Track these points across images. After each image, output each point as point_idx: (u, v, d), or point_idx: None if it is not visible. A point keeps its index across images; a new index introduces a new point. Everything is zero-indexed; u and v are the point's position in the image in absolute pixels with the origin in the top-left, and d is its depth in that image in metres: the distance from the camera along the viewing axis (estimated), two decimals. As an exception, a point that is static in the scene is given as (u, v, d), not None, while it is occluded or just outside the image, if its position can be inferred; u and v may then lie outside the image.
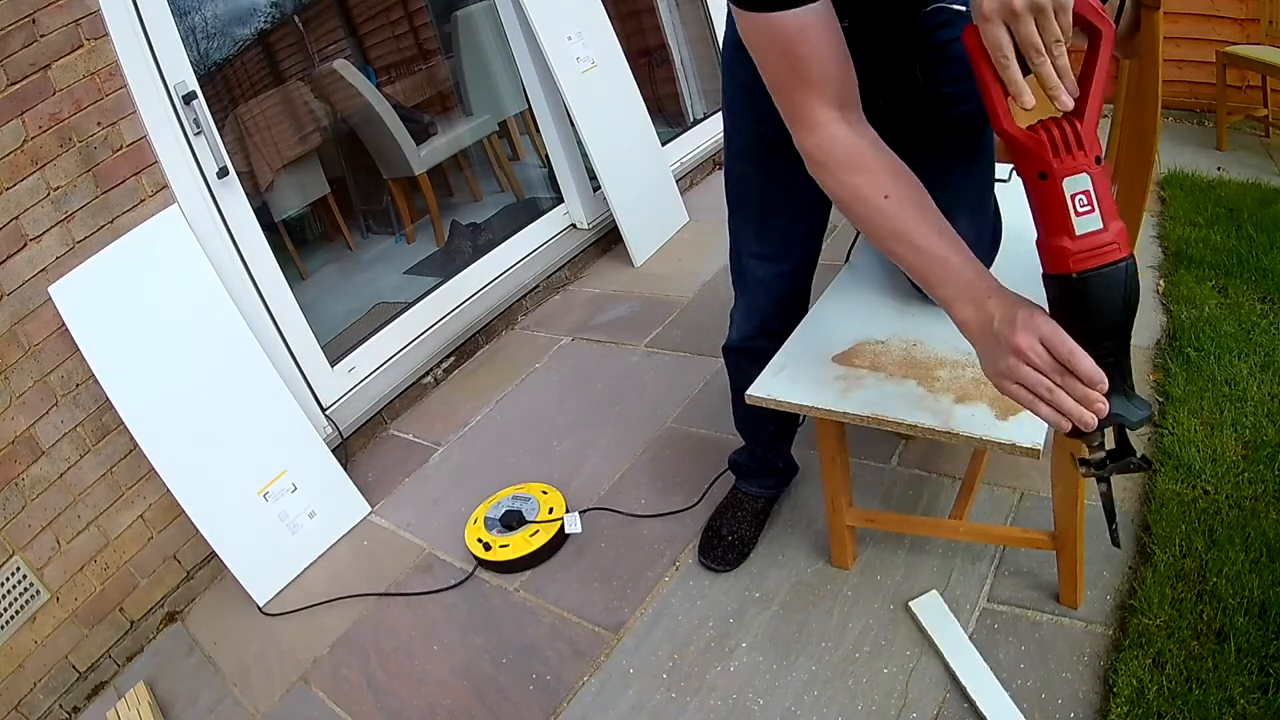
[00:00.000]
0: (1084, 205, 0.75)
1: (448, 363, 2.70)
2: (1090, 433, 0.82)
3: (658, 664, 1.52)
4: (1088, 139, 0.75)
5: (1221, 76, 2.86)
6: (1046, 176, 0.77)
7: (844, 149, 0.92)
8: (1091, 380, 0.79)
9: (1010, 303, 0.84)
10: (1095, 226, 0.76)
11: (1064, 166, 0.75)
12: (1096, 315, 0.78)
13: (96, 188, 1.84)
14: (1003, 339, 0.82)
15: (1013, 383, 0.83)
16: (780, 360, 1.32)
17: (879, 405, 1.17)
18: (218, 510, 1.91)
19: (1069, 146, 0.75)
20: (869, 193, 0.91)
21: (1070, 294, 0.79)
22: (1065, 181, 0.75)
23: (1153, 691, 1.20)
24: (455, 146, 3.61)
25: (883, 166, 0.92)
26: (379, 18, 3.87)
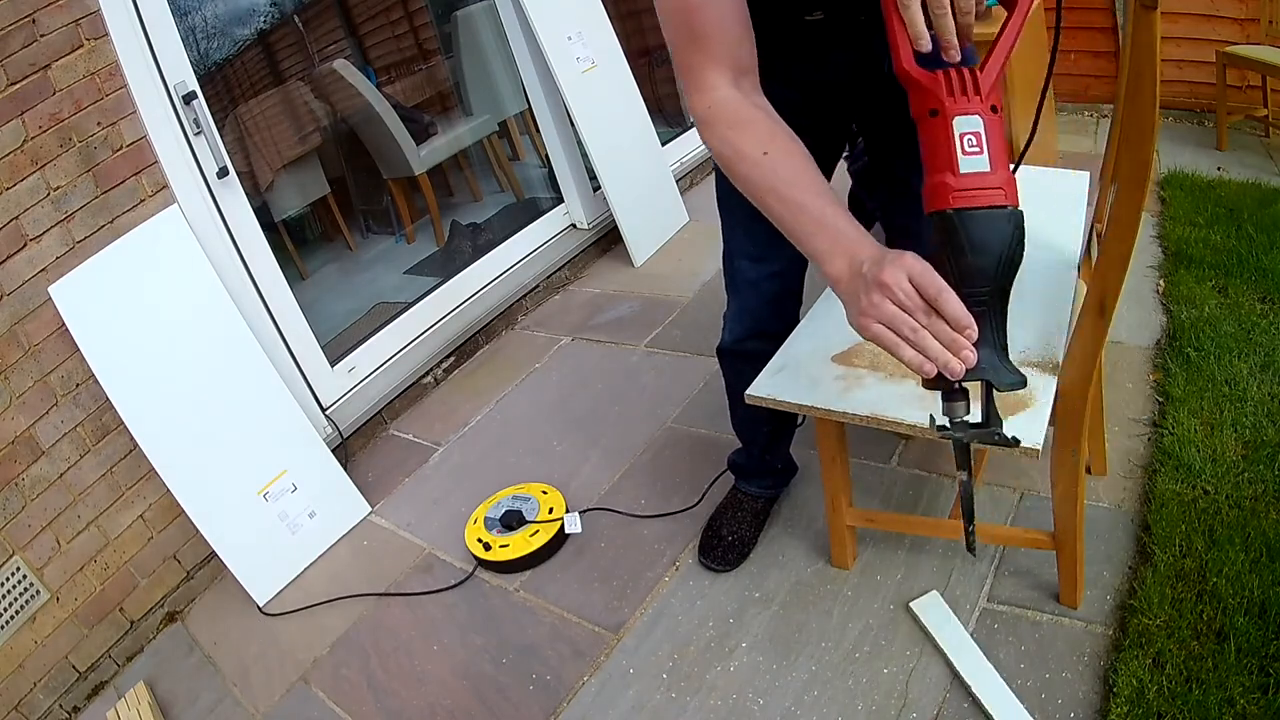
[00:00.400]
0: (972, 146, 0.75)
1: (448, 363, 2.70)
2: (955, 388, 0.80)
3: (658, 664, 1.52)
4: (985, 87, 0.76)
5: (1221, 76, 2.86)
6: (937, 114, 0.77)
7: (730, 109, 0.93)
8: (959, 323, 0.75)
9: (883, 250, 0.81)
10: (981, 168, 0.75)
11: (956, 106, 0.76)
12: (970, 256, 0.76)
13: (96, 188, 1.84)
14: (870, 278, 0.79)
15: (875, 321, 0.78)
16: (780, 360, 1.32)
17: (879, 405, 1.17)
18: (218, 510, 1.91)
19: (964, 90, 0.76)
20: (749, 149, 0.91)
21: (946, 232, 0.77)
22: (955, 120, 0.76)
23: (1153, 691, 1.20)
24: (455, 146, 3.61)
25: (766, 126, 0.92)
26: (379, 18, 3.87)
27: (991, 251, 0.76)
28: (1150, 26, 0.90)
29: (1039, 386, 1.14)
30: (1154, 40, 0.90)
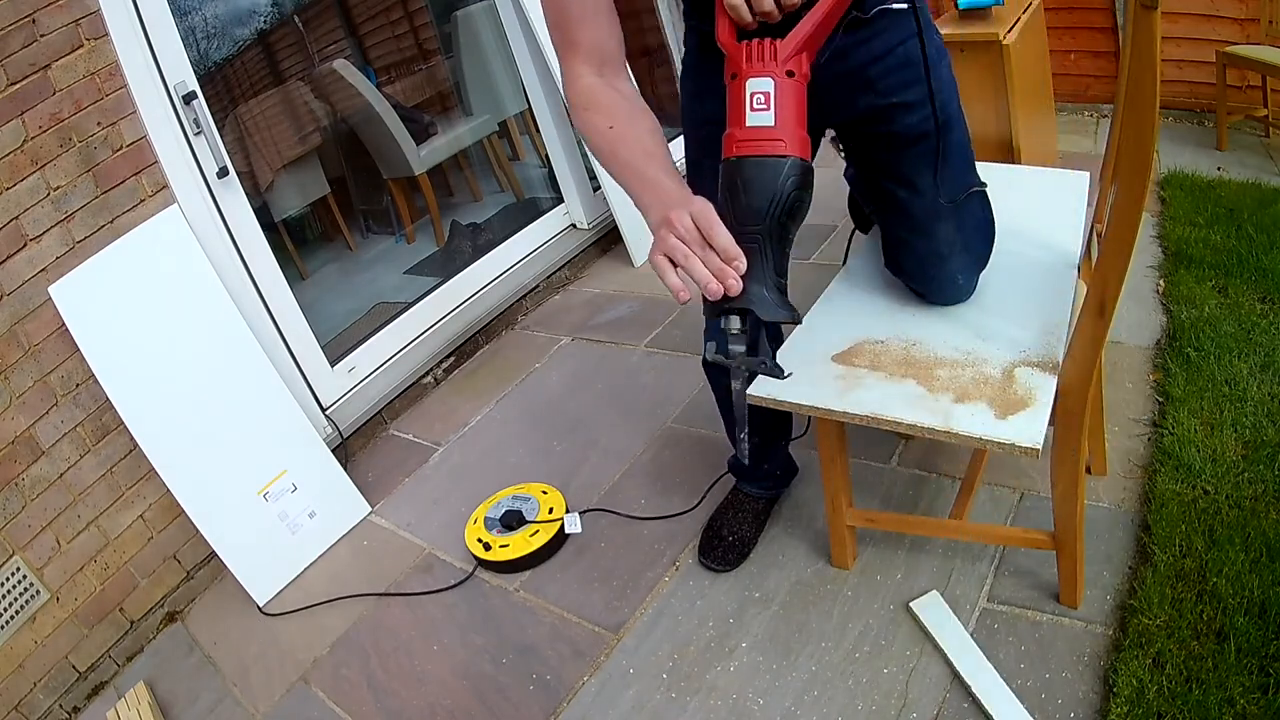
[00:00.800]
0: (760, 104, 0.85)
1: (448, 363, 2.70)
2: (726, 313, 0.88)
3: (658, 664, 1.52)
4: (783, 55, 0.85)
5: (1221, 76, 2.86)
6: (735, 77, 0.88)
7: (589, 94, 1.03)
8: (728, 254, 0.84)
9: (689, 198, 0.90)
10: (765, 123, 0.85)
11: (751, 70, 0.86)
12: (744, 197, 0.86)
13: (96, 188, 1.84)
14: (663, 218, 0.89)
15: (659, 253, 0.88)
16: (780, 359, 1.32)
17: (878, 405, 1.17)
18: (218, 510, 1.91)
19: (761, 57, 0.86)
20: (599, 124, 1.01)
21: (728, 175, 0.87)
22: (749, 82, 0.85)
23: (1153, 691, 1.20)
24: (455, 146, 3.61)
25: (617, 105, 1.02)
26: (379, 18, 3.87)
27: (764, 193, 0.85)
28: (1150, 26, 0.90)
29: (1039, 386, 1.14)
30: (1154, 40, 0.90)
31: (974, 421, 1.11)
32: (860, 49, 1.15)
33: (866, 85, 1.18)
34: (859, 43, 1.14)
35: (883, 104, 1.19)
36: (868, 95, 1.19)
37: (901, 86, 1.17)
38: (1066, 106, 3.33)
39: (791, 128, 0.85)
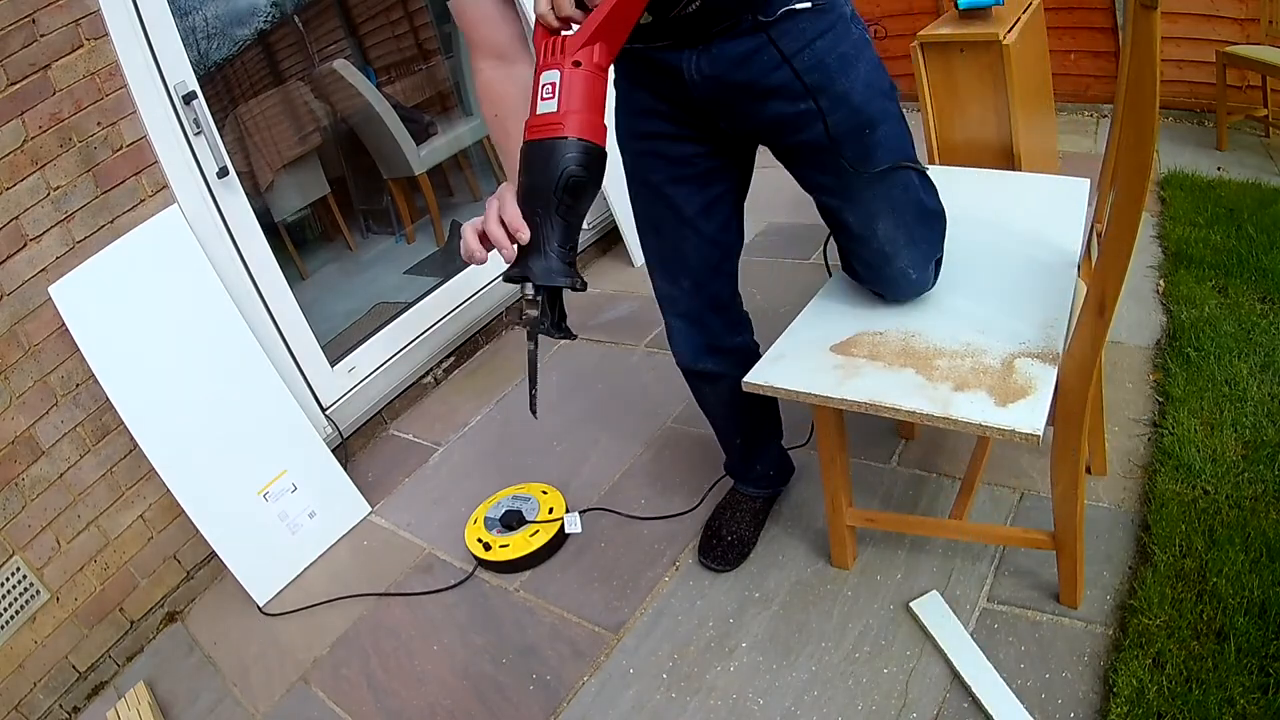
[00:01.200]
0: (547, 94, 0.92)
1: (448, 363, 2.70)
2: (511, 280, 0.99)
3: (658, 664, 1.52)
4: (570, 49, 0.92)
5: (1221, 76, 2.86)
6: (534, 72, 0.96)
7: (486, 86, 1.11)
8: (512, 226, 0.94)
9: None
10: (550, 110, 0.92)
11: (543, 64, 0.94)
12: (529, 176, 0.94)
13: (96, 188, 1.84)
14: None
15: (469, 225, 1.00)
16: (779, 349, 1.33)
17: (876, 392, 1.18)
18: (218, 510, 1.91)
19: (552, 52, 0.93)
20: (488, 112, 1.11)
21: (521, 158, 0.96)
22: (542, 74, 0.93)
23: (1153, 691, 1.20)
24: (455, 146, 3.61)
25: (510, 97, 1.09)
26: (379, 18, 3.87)
27: (545, 172, 0.93)
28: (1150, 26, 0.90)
29: (1039, 376, 1.14)
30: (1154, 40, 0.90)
31: (973, 409, 1.11)
32: (764, 53, 1.12)
33: (773, 92, 1.15)
34: (759, 47, 1.11)
35: (792, 111, 1.16)
36: (776, 102, 1.16)
37: (813, 90, 1.13)
38: (1066, 106, 3.33)
39: (577, 113, 0.92)
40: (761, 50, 1.12)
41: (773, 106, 1.17)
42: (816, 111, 1.14)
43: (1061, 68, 3.23)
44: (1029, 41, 2.11)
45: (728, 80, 1.16)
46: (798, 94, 1.14)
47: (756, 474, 1.73)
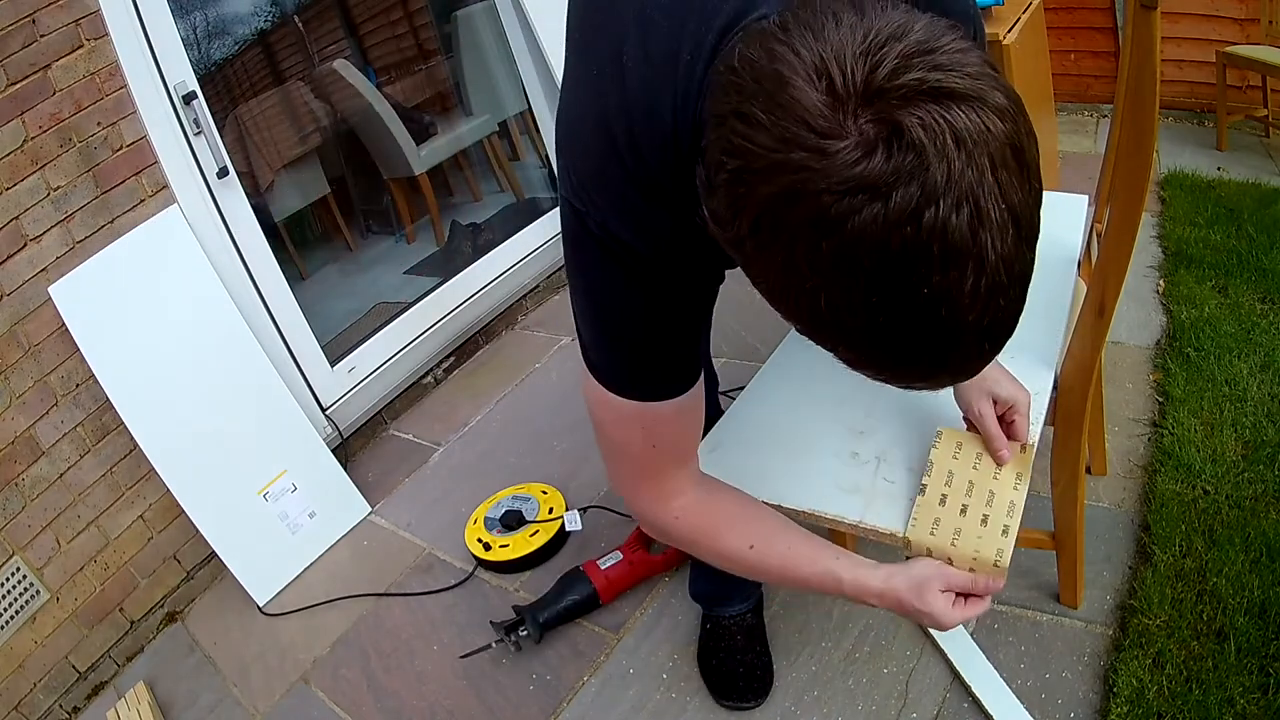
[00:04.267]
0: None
1: (448, 363, 2.70)
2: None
3: (658, 664, 1.52)
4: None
5: (1221, 76, 2.85)
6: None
7: (699, 515, 0.90)
8: (986, 588, 0.87)
9: (886, 579, 0.86)
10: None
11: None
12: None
13: (96, 188, 1.84)
14: (913, 610, 0.85)
15: (954, 620, 0.86)
16: (716, 436, 1.16)
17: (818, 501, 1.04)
18: (218, 510, 1.91)
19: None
20: (733, 549, 0.89)
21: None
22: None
23: (1153, 691, 1.20)
24: (455, 146, 3.60)
25: (736, 516, 0.90)
26: (379, 18, 3.87)
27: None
28: (1150, 26, 0.90)
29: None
30: (1154, 40, 0.90)
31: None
32: None
33: None
34: None
35: None
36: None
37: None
38: (1066, 106, 3.33)
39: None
40: None
41: None
42: None
43: (1061, 68, 3.23)
44: (1029, 41, 2.11)
45: None
46: None
47: (739, 582, 1.44)
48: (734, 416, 1.19)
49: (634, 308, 0.76)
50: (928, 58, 0.47)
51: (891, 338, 0.51)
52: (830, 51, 0.48)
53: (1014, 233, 0.48)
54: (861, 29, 0.48)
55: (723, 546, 0.90)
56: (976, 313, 0.49)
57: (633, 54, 0.68)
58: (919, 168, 0.46)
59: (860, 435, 1.10)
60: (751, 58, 0.51)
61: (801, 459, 1.08)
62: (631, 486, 0.90)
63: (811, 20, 0.50)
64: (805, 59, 0.48)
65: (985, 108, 0.47)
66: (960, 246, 0.47)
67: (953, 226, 0.46)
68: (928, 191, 0.45)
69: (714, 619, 1.48)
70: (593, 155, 0.72)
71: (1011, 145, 0.48)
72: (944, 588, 0.85)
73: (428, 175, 3.45)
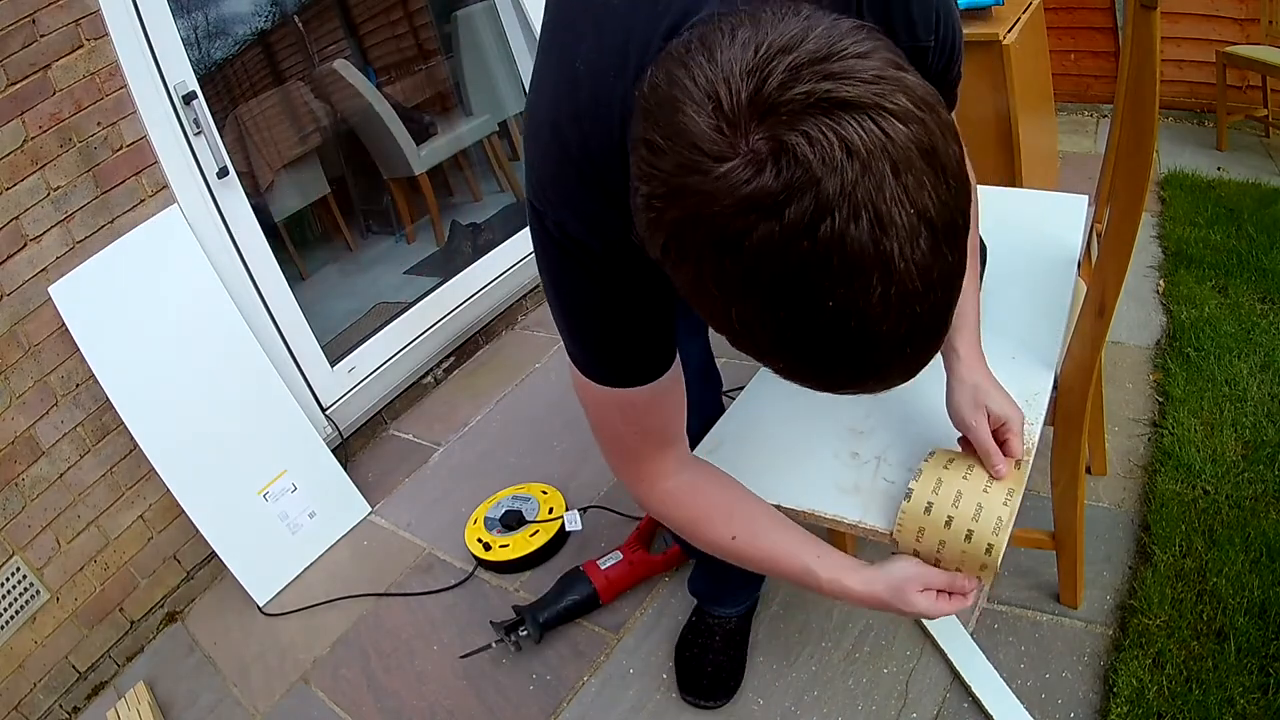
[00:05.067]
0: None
1: (448, 363, 2.70)
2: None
3: (658, 664, 1.52)
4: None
5: (1221, 76, 2.85)
6: None
7: (686, 499, 0.92)
8: (960, 587, 0.88)
9: (868, 577, 0.88)
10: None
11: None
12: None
13: (96, 188, 1.84)
14: (894, 603, 0.88)
15: (932, 615, 0.89)
16: (715, 436, 1.17)
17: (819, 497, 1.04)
18: (218, 510, 1.91)
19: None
20: (717, 536, 0.92)
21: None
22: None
23: (1153, 691, 1.20)
24: (455, 146, 3.60)
25: (721, 503, 0.92)
26: (379, 18, 3.87)
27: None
28: (1150, 26, 0.90)
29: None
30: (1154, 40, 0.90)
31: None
32: None
33: None
34: None
35: None
36: None
37: None
38: (1066, 106, 3.33)
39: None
40: None
41: None
42: None
43: (1061, 68, 3.23)
44: (1029, 41, 2.11)
45: None
46: None
47: (735, 582, 1.48)
48: (734, 416, 1.19)
49: (594, 303, 0.78)
50: (818, 67, 0.46)
51: (806, 350, 0.51)
52: (720, 72, 0.48)
53: (927, 236, 0.47)
54: (754, 43, 0.48)
55: (707, 534, 0.92)
56: (891, 322, 0.48)
57: (586, 56, 0.69)
58: (809, 181, 0.45)
59: (860, 435, 1.10)
60: (655, 83, 0.52)
61: (801, 459, 1.09)
62: (620, 466, 0.94)
63: (710, 38, 0.50)
64: (699, 81, 0.48)
65: (883, 113, 0.45)
66: (861, 257, 0.46)
67: (851, 237, 0.45)
68: (821, 204, 0.45)
69: (700, 614, 1.52)
70: (549, 157, 0.73)
71: (919, 147, 0.46)
72: (923, 588, 0.87)
73: (428, 175, 3.45)
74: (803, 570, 0.89)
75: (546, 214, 0.74)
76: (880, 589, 0.87)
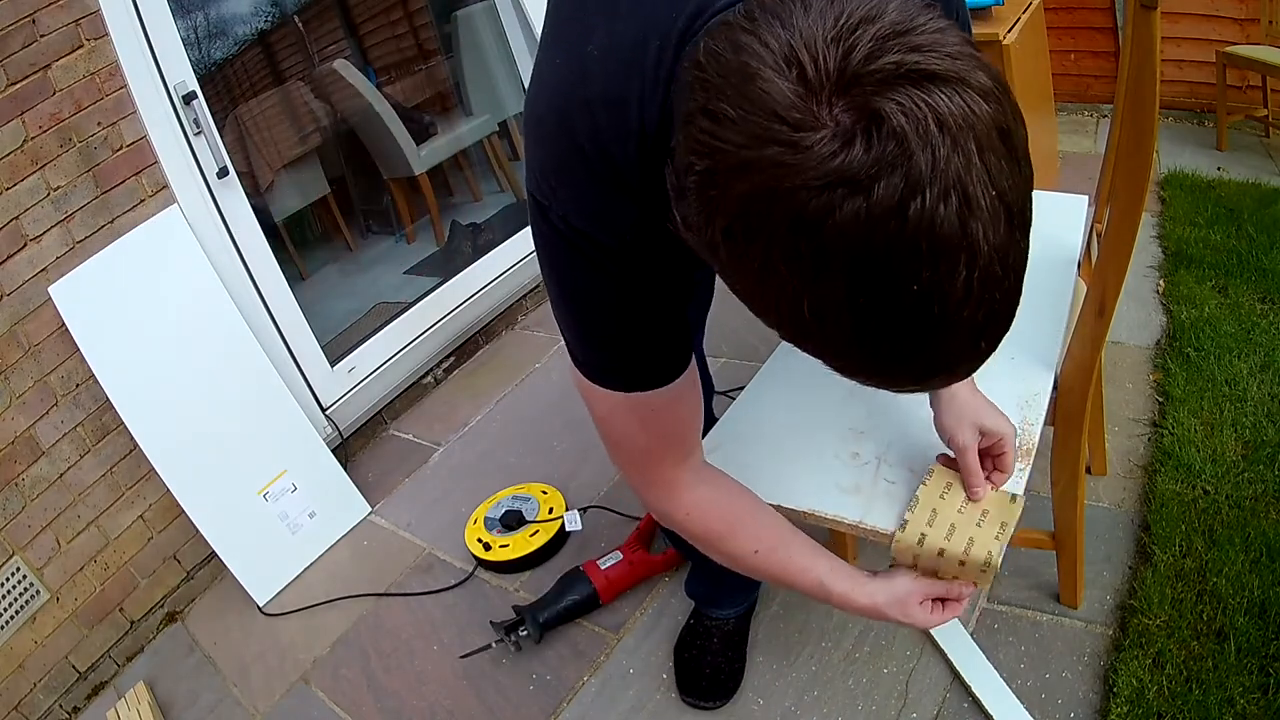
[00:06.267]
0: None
1: (448, 363, 2.70)
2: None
3: (658, 664, 1.52)
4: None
5: (1221, 76, 2.85)
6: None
7: (708, 512, 0.90)
8: (955, 594, 0.92)
9: (869, 591, 0.90)
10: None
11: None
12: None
13: (96, 188, 1.84)
14: (893, 616, 0.90)
15: (935, 625, 0.92)
16: (715, 437, 1.17)
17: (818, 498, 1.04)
18: (218, 510, 1.91)
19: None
20: (741, 551, 0.91)
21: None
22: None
23: (1153, 691, 1.20)
24: (455, 146, 3.60)
25: (743, 517, 0.91)
26: (379, 18, 3.87)
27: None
28: (1150, 26, 0.91)
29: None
30: (1154, 40, 0.90)
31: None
32: None
33: None
34: None
35: None
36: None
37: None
38: (1066, 106, 3.33)
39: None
40: None
41: None
42: None
43: (1061, 68, 3.23)
44: (1029, 41, 2.11)
45: None
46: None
47: (734, 583, 1.47)
48: (734, 417, 1.19)
49: (604, 301, 0.75)
50: (904, 39, 0.44)
51: (882, 340, 0.48)
52: (800, 39, 0.45)
53: (1005, 220, 0.45)
54: (832, 13, 0.45)
55: (730, 548, 0.91)
56: (971, 308, 0.46)
57: (599, 43, 0.67)
58: (901, 156, 0.42)
59: (861, 435, 1.10)
60: (716, 51, 0.48)
61: (802, 459, 1.09)
62: (638, 479, 0.90)
63: (778, 7, 0.47)
64: (774, 48, 0.45)
65: (968, 89, 0.43)
66: (950, 239, 0.44)
67: (941, 218, 0.43)
68: (912, 182, 0.42)
69: (699, 615, 1.52)
70: (555, 147, 0.70)
71: (998, 128, 0.44)
72: (922, 599, 0.90)
73: (428, 175, 3.45)
74: (815, 584, 0.90)
75: (551, 207, 0.71)
76: (882, 602, 0.89)
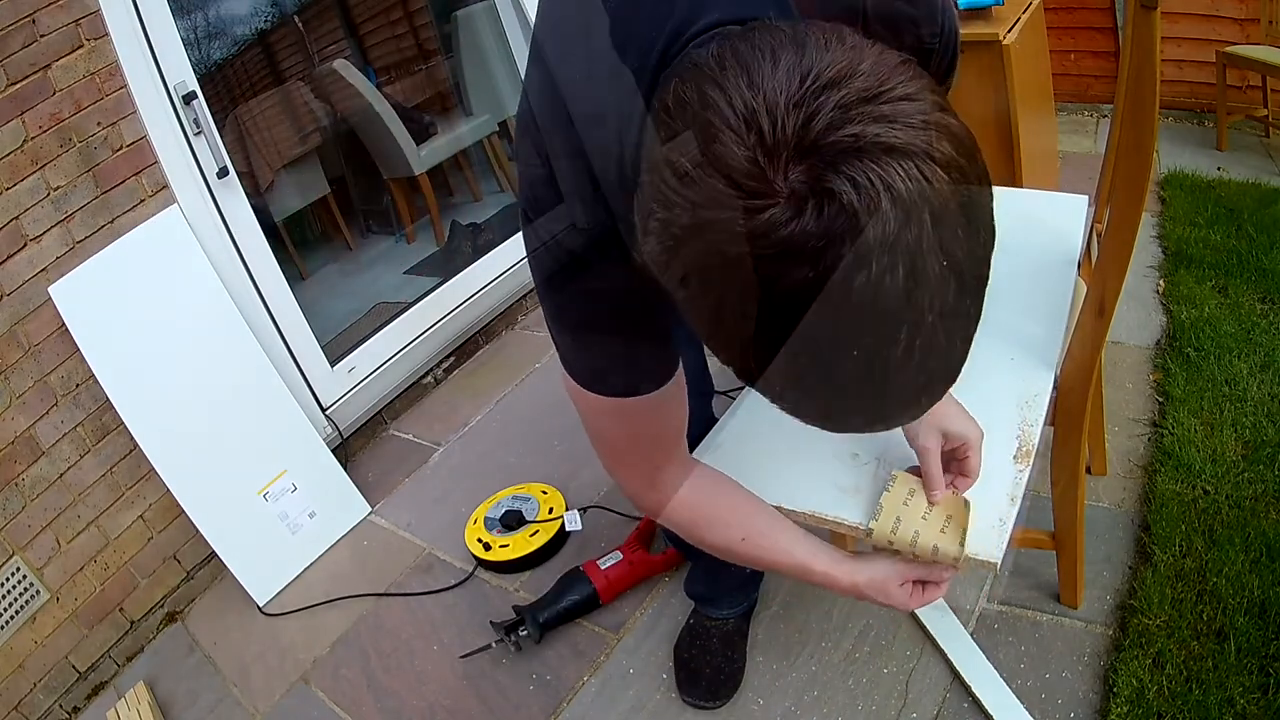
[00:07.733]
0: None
1: (448, 363, 2.70)
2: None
3: (658, 664, 1.52)
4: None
5: (1221, 76, 2.85)
6: None
7: (695, 508, 0.93)
8: (939, 576, 0.93)
9: (853, 572, 0.92)
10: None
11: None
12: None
13: (96, 188, 1.84)
14: (877, 597, 0.93)
15: (918, 606, 0.95)
16: (714, 438, 1.17)
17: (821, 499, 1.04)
18: (218, 510, 1.91)
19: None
20: (730, 542, 0.93)
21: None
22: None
23: (1153, 691, 1.20)
24: (455, 146, 3.60)
25: (728, 510, 0.94)
26: (379, 18, 3.87)
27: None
28: (1150, 26, 0.91)
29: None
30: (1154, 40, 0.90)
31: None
32: None
33: None
34: None
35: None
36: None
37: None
38: (1066, 106, 3.33)
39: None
40: None
41: None
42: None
43: (1061, 68, 3.23)
44: (1029, 41, 2.11)
45: None
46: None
47: (733, 582, 1.49)
48: (734, 418, 1.19)
49: (590, 312, 0.77)
50: (868, 107, 0.44)
51: (822, 395, 0.50)
52: (762, 100, 0.45)
53: (956, 288, 0.46)
54: (799, 71, 0.45)
55: (716, 537, 0.94)
56: (910, 373, 0.47)
57: (580, 61, 0.67)
58: (851, 229, 0.43)
59: (860, 436, 1.10)
60: (684, 100, 0.48)
61: (801, 460, 1.09)
62: (623, 474, 0.93)
63: (749, 58, 0.47)
64: (736, 109, 0.45)
65: (930, 162, 0.44)
66: (892, 310, 0.44)
67: (885, 289, 0.43)
68: (859, 254, 0.43)
69: (698, 616, 1.53)
70: (542, 165, 0.71)
71: (958, 199, 0.45)
72: (902, 582, 0.92)
73: (428, 175, 3.45)
74: (800, 566, 0.93)
75: (540, 224, 0.73)
76: (863, 583, 0.91)
